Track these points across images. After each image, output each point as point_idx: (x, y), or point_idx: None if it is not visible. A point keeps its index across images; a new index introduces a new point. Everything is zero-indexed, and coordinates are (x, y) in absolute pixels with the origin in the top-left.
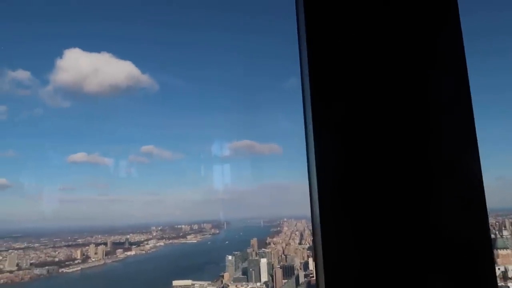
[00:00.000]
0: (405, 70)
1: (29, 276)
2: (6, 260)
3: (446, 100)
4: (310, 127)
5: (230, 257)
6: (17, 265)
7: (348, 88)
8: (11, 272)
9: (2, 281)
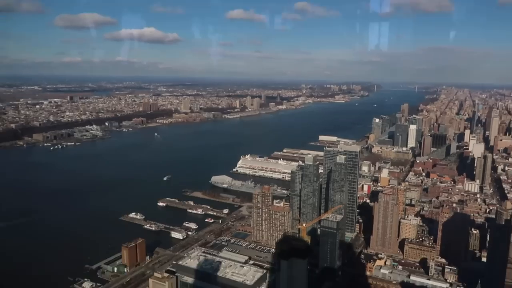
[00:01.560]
0: None
1: (199, 118)
2: (181, 103)
3: None
4: None
5: (377, 120)
6: (190, 108)
7: None
8: (186, 113)
9: (180, 119)
